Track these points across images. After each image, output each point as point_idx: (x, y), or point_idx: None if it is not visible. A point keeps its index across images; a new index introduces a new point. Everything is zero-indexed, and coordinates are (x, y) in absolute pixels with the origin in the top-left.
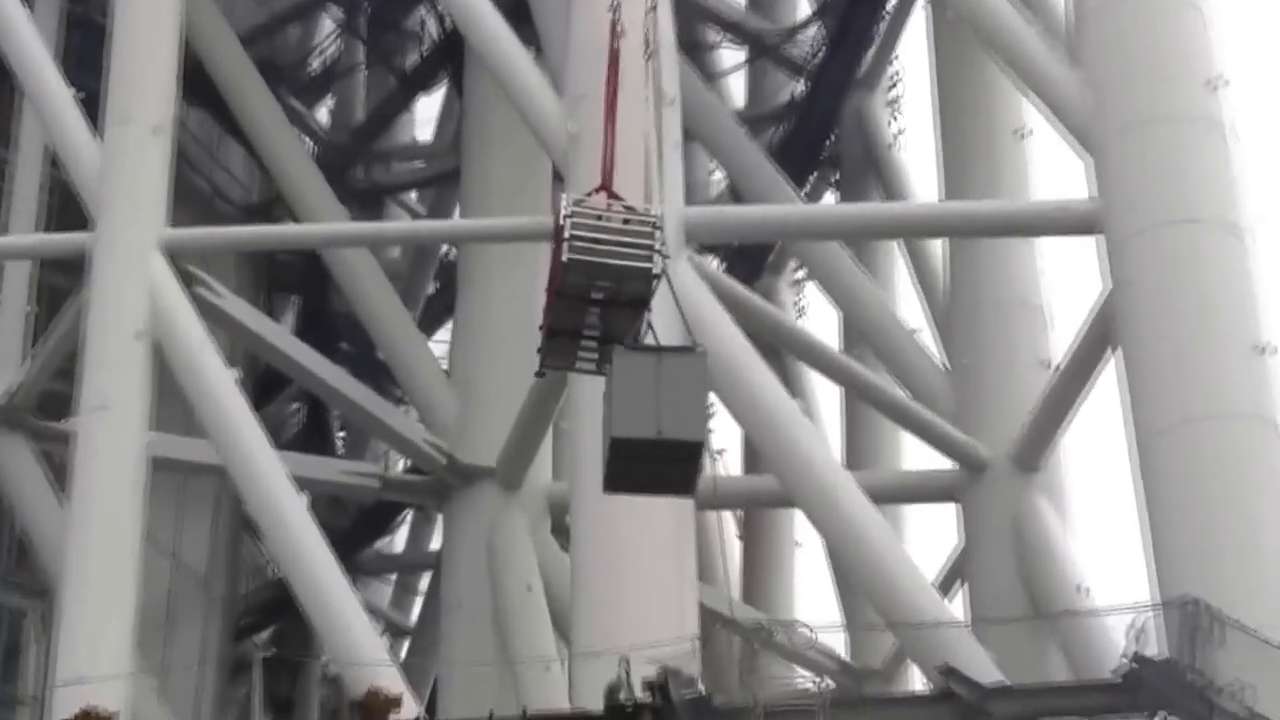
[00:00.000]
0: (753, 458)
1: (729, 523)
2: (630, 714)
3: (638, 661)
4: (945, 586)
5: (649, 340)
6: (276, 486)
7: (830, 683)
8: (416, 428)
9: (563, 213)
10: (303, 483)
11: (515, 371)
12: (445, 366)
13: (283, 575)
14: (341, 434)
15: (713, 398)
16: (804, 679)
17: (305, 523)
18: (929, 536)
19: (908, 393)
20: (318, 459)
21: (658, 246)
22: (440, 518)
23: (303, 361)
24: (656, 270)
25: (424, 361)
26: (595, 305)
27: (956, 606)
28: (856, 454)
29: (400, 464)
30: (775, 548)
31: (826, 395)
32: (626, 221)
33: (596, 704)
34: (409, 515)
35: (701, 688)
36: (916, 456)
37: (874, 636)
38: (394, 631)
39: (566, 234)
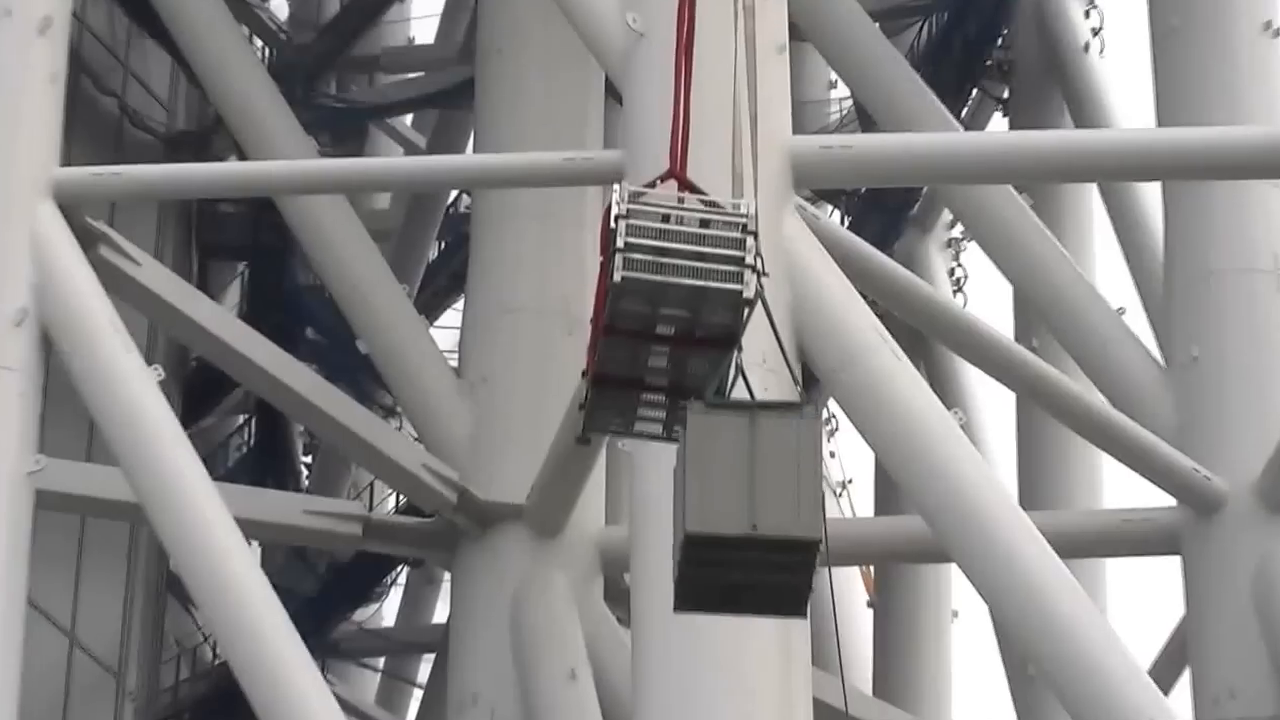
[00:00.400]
0: (888, 492)
1: (856, 585)
2: None
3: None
4: (1163, 674)
5: (739, 393)
6: (215, 534)
7: None
8: (414, 450)
9: (613, 210)
10: (251, 528)
11: (552, 372)
12: (454, 363)
13: (225, 659)
14: (307, 459)
15: (833, 408)
16: None
17: (256, 585)
18: (1140, 603)
19: (1109, 399)
20: (274, 495)
21: (749, 259)
22: (447, 578)
23: (252, 355)
24: (748, 294)
25: (424, 356)
26: (662, 343)
27: (1180, 701)
28: (1037, 487)
29: (391, 501)
30: (921, 620)
31: (994, 402)
32: (705, 224)
33: None
34: (403, 574)
35: None
36: (1122, 490)
37: None
38: None
39: (618, 242)
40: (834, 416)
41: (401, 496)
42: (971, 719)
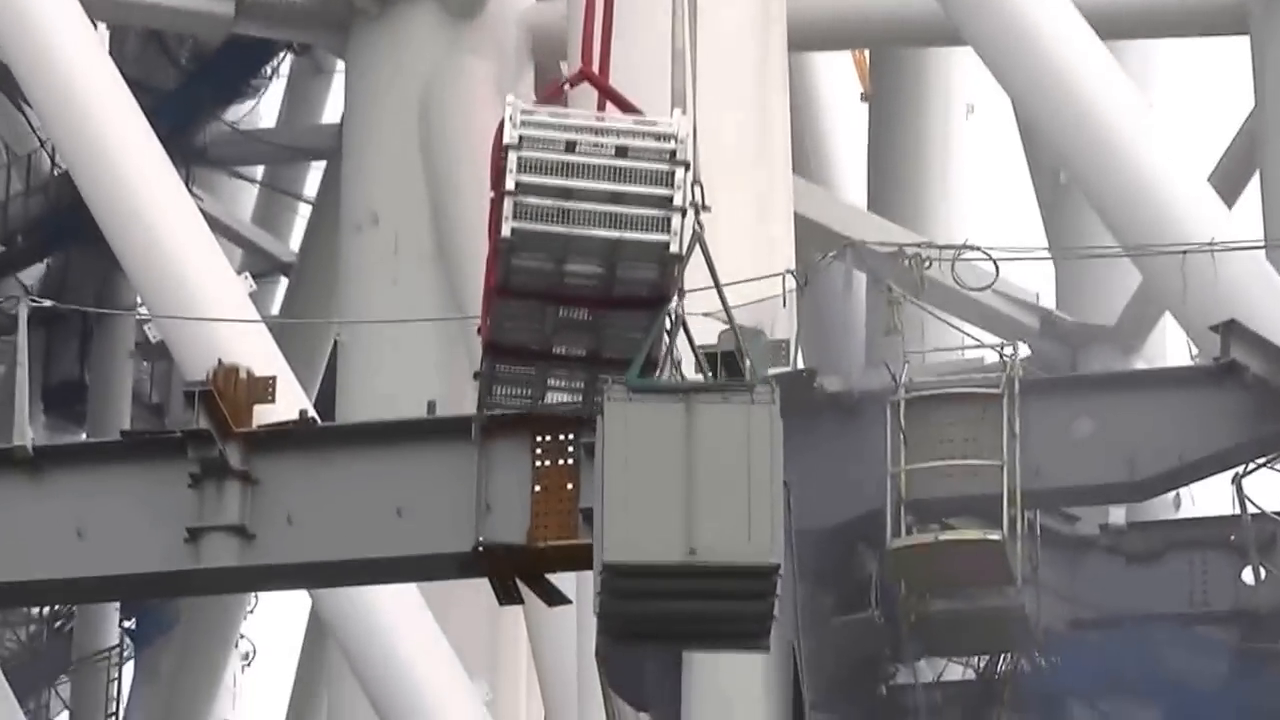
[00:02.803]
0: None
1: (848, 74)
2: None
3: (689, 319)
4: (1227, 182)
5: (672, 371)
6: (51, 11)
7: (1026, 349)
8: None
9: (507, 132)
10: (97, 5)
11: None
12: None
13: (68, 169)
14: None
15: None
16: (979, 344)
17: (103, 77)
18: (1200, 97)
19: None
20: None
21: (679, 199)
22: (340, 67)
23: None
24: (676, 247)
25: None
26: (573, 303)
27: (1246, 217)
28: None
29: None
30: (927, 116)
31: None
32: (622, 151)
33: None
34: (285, 63)
35: (800, 360)
36: None
37: (1101, 269)
38: (261, 265)
39: (508, 183)
40: None
41: None
42: (986, 235)
